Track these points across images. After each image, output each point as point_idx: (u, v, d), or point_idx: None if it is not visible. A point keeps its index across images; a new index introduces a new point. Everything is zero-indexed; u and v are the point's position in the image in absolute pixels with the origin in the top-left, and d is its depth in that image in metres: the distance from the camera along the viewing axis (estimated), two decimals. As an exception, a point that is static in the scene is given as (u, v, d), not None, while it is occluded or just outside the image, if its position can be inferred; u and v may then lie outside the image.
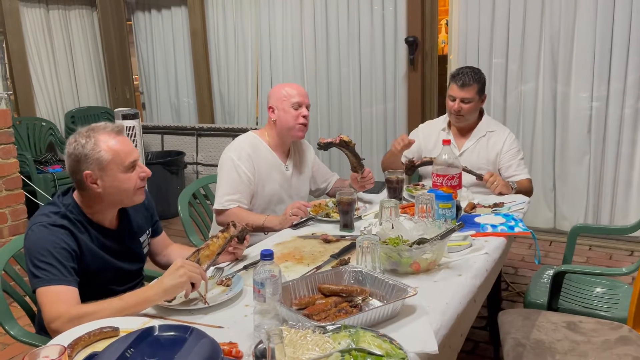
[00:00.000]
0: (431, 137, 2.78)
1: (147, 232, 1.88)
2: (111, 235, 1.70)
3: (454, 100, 2.62)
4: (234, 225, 1.79)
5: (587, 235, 3.66)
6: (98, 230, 1.67)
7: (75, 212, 1.63)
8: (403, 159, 2.68)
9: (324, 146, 2.32)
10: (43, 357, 1.09)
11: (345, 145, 2.33)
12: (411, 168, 2.56)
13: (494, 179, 2.44)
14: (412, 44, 4.09)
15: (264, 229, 2.23)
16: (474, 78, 2.59)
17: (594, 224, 3.66)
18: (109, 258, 1.68)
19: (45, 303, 1.47)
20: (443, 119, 2.82)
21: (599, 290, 2.25)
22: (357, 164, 2.41)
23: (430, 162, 2.48)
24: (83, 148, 1.58)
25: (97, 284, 1.64)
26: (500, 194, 2.44)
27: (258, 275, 1.30)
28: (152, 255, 1.98)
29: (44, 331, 1.56)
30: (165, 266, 1.97)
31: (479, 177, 2.48)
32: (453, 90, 2.62)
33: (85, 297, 1.51)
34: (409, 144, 2.56)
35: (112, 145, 1.59)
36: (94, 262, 1.63)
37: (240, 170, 2.29)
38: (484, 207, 2.29)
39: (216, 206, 2.31)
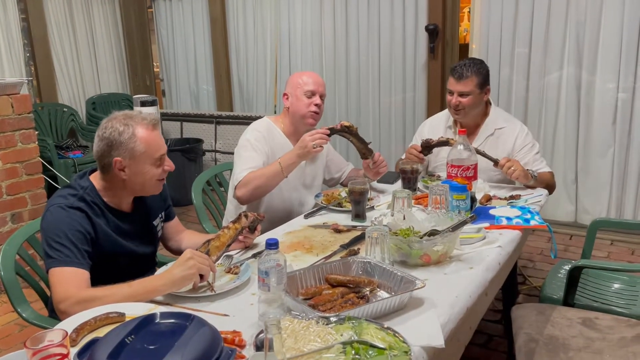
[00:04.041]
0: (437, 135, 2.64)
1: (160, 215, 1.89)
2: (126, 218, 1.72)
3: (452, 94, 2.49)
4: (246, 216, 1.79)
5: (609, 230, 3.57)
6: (114, 213, 1.69)
7: (92, 195, 1.65)
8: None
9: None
10: (47, 340, 1.11)
11: (348, 131, 2.25)
12: (427, 147, 2.47)
13: (510, 164, 2.26)
14: (433, 32, 4.02)
15: (284, 172, 2.16)
16: (472, 70, 2.43)
17: (614, 219, 3.56)
18: (123, 241, 1.70)
19: (56, 283, 1.49)
20: (446, 115, 2.68)
21: (617, 286, 2.19)
22: (364, 149, 2.35)
23: (447, 142, 2.39)
24: (120, 135, 1.61)
25: (111, 267, 1.66)
26: (524, 185, 2.35)
27: (263, 264, 1.29)
28: (164, 241, 1.99)
29: (56, 314, 1.58)
30: (176, 252, 1.98)
31: (495, 162, 2.33)
32: (450, 83, 2.49)
33: (100, 281, 1.53)
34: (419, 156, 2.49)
35: (147, 138, 1.63)
36: (109, 245, 1.65)
37: (257, 149, 2.28)
38: (500, 199, 2.24)
39: (234, 182, 2.25)
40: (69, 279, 1.48)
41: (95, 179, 1.69)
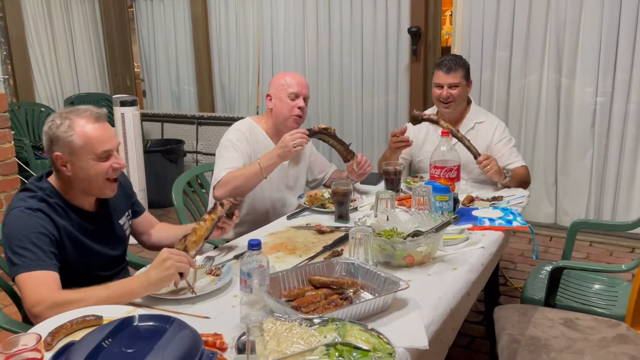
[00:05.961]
0: (421, 131, 2.70)
1: (127, 213, 1.82)
2: (90, 218, 1.65)
3: (442, 87, 2.56)
4: (222, 205, 1.74)
5: (588, 231, 3.61)
6: (77, 213, 1.62)
7: (53, 195, 1.58)
8: (401, 160, 2.63)
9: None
10: (21, 344, 1.07)
11: (326, 132, 2.26)
12: (416, 119, 2.47)
13: (488, 162, 2.31)
14: (415, 35, 4.03)
15: (263, 173, 2.14)
16: (459, 63, 2.55)
17: (594, 220, 3.61)
18: (89, 242, 1.63)
19: (26, 288, 1.42)
20: (429, 112, 2.72)
21: (597, 287, 2.21)
22: (345, 152, 2.35)
23: (437, 122, 2.40)
24: (57, 129, 1.54)
25: (79, 270, 1.60)
26: (500, 184, 2.38)
27: (245, 265, 1.27)
28: (136, 236, 1.93)
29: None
30: (149, 246, 1.93)
31: (476, 156, 2.34)
32: (439, 77, 2.57)
33: (69, 284, 1.47)
34: (406, 141, 2.45)
35: (87, 131, 1.54)
36: (75, 247, 1.58)
37: (239, 149, 2.25)
38: (483, 200, 2.25)
39: (213, 182, 2.22)
40: (39, 282, 1.42)
41: (54, 179, 1.62)
